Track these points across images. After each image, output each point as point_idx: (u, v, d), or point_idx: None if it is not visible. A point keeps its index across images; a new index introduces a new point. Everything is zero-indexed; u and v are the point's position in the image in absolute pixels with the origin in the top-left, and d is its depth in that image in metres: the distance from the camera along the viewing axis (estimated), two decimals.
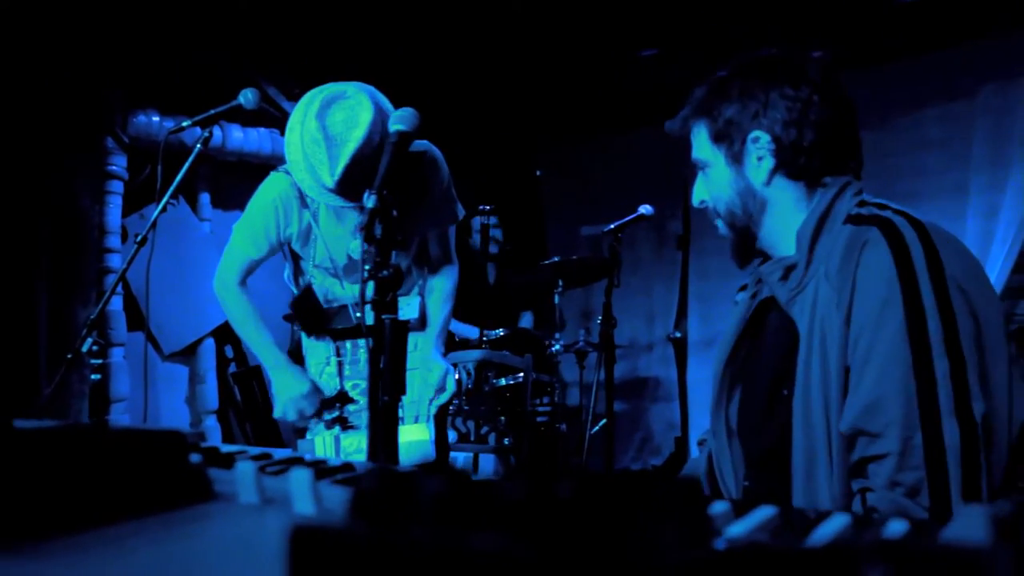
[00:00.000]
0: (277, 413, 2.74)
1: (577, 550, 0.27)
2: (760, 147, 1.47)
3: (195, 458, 0.77)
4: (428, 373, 2.75)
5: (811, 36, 4.71)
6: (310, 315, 2.80)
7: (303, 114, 2.36)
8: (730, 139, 1.50)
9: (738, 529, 0.51)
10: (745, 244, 1.57)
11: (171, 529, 0.66)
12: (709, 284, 5.86)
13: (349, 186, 2.33)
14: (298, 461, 0.91)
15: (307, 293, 2.78)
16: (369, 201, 1.70)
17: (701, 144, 1.56)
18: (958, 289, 1.26)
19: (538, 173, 6.73)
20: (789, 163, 1.46)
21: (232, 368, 5.17)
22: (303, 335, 2.92)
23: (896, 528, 0.51)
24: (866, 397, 1.26)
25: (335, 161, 2.31)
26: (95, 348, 2.72)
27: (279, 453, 1.00)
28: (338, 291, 2.77)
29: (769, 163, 1.47)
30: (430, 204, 2.71)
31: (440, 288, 2.87)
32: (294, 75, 4.80)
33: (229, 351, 5.15)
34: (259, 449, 1.03)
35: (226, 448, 1.03)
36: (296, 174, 2.43)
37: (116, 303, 4.28)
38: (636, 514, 0.33)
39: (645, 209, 4.11)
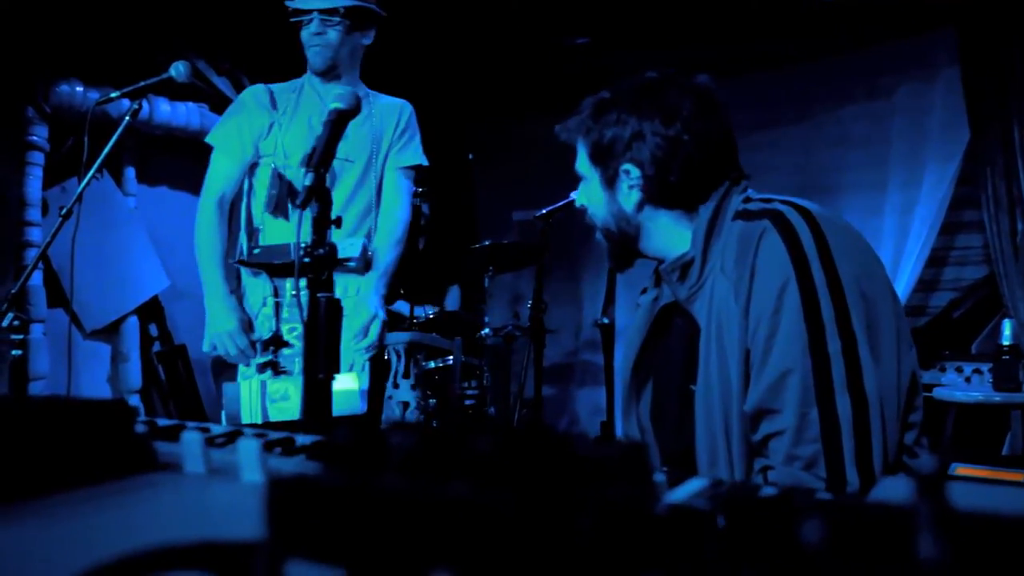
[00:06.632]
0: (205, 347, 2.73)
1: (547, 499, 0.30)
2: (631, 179, 1.52)
3: (140, 428, 0.77)
4: (355, 318, 2.65)
5: (737, 32, 4.80)
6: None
7: None
8: (604, 164, 1.55)
9: (676, 495, 0.54)
10: (621, 253, 1.66)
11: (118, 497, 0.66)
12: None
13: None
14: (240, 434, 0.92)
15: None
16: (307, 179, 1.69)
17: (581, 159, 1.62)
18: (847, 270, 1.33)
19: (470, 156, 6.72)
20: (657, 197, 1.52)
21: (156, 347, 5.06)
22: (242, 270, 2.85)
23: (822, 496, 0.54)
24: (769, 377, 1.32)
25: None
26: (16, 323, 2.65)
27: (217, 428, 1.01)
28: (283, 226, 2.76)
29: (637, 195, 1.52)
30: (398, 135, 2.88)
31: (391, 229, 2.82)
32: (224, 49, 4.71)
33: (153, 329, 5.03)
34: (198, 423, 1.03)
35: (163, 422, 1.03)
36: None
37: (36, 278, 4.15)
38: (595, 471, 0.35)
39: (576, 195, 4.14)
